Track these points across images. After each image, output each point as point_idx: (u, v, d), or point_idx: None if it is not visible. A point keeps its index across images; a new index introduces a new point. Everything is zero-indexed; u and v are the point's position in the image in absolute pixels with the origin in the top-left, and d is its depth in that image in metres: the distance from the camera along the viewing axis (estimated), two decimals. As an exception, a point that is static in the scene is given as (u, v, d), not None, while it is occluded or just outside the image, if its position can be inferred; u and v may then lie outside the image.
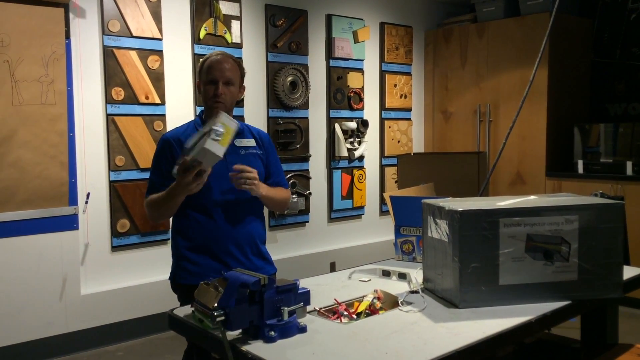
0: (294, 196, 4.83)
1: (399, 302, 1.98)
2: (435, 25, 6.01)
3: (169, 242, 4.20)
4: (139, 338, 4.07)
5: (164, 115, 4.15)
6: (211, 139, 2.02)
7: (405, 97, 5.77)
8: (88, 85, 3.86)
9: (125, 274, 4.06)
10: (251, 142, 2.42)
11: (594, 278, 1.97)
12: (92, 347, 3.88)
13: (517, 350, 2.55)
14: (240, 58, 4.48)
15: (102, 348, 3.91)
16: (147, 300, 4.07)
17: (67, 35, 3.71)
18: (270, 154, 2.48)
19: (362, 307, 1.97)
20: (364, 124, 5.29)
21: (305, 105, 4.95)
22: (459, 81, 5.72)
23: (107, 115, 3.92)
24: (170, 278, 2.45)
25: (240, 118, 4.12)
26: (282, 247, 4.86)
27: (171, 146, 2.32)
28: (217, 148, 2.04)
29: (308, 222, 5.06)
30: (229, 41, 4.44)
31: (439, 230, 2.01)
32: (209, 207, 2.30)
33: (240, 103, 4.48)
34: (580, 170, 4.97)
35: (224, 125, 2.06)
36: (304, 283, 2.12)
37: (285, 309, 1.67)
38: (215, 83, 2.30)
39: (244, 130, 2.44)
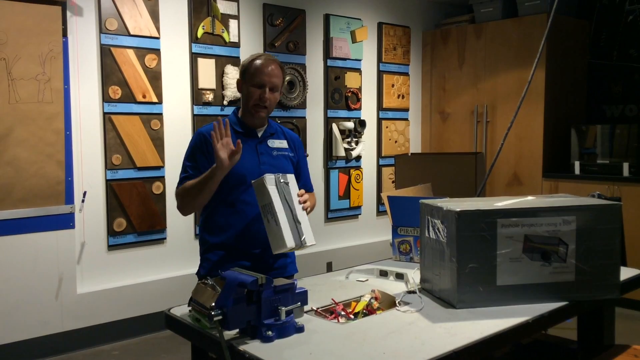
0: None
1: (397, 302, 1.98)
2: (433, 26, 6.01)
3: (166, 241, 4.22)
4: (135, 337, 4.06)
5: (161, 114, 4.14)
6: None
7: (403, 97, 5.77)
8: (85, 84, 3.85)
9: (122, 273, 4.05)
10: (283, 143, 2.44)
11: (591, 279, 1.98)
12: (88, 346, 3.87)
13: (514, 350, 2.55)
14: (238, 57, 4.48)
15: (97, 347, 3.90)
16: (143, 299, 4.06)
17: (65, 34, 3.70)
18: (300, 157, 2.50)
19: (359, 307, 1.97)
20: (361, 124, 5.29)
21: (302, 105, 4.95)
22: (456, 82, 5.73)
23: (104, 113, 3.91)
24: (196, 272, 2.43)
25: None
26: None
27: (207, 141, 2.30)
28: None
29: (305, 222, 5.05)
30: (227, 40, 4.44)
31: (436, 231, 2.01)
32: (239, 205, 2.30)
33: (237, 102, 4.48)
34: (577, 171, 4.98)
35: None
36: (301, 283, 2.11)
37: (283, 308, 1.66)
38: (262, 87, 2.30)
39: (277, 131, 2.45)
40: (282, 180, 2.12)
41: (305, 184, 2.49)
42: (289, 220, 2.07)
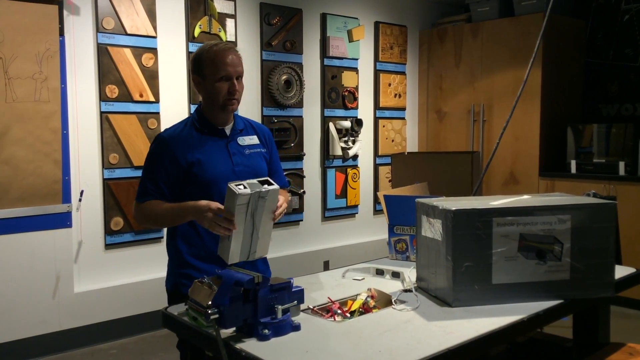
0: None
1: (393, 300, 1.99)
2: (429, 25, 6.02)
3: (163, 240, 4.21)
4: (132, 336, 4.07)
5: (158, 113, 4.14)
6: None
7: (400, 96, 5.78)
8: (82, 83, 3.84)
9: (119, 272, 4.05)
10: (254, 139, 2.26)
11: (586, 277, 1.99)
12: (85, 345, 3.88)
13: (509, 349, 2.56)
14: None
15: (95, 346, 3.90)
16: (140, 298, 4.06)
17: (61, 33, 3.69)
18: (272, 151, 2.33)
19: (355, 306, 1.97)
20: (358, 123, 5.29)
21: (299, 104, 4.95)
22: (453, 81, 5.74)
23: (101, 112, 3.91)
24: (169, 287, 2.25)
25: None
26: (275, 246, 4.85)
27: (167, 147, 2.12)
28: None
29: (302, 220, 5.07)
30: (224, 40, 4.43)
31: (432, 230, 2.02)
32: None
33: (234, 101, 4.48)
34: (573, 170, 5.00)
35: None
36: (297, 281, 2.12)
37: (279, 307, 1.67)
38: (230, 79, 2.11)
39: (245, 126, 2.28)
40: (259, 196, 1.87)
41: (279, 179, 2.30)
42: (244, 238, 1.91)
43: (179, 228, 2.19)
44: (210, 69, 2.12)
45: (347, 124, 5.21)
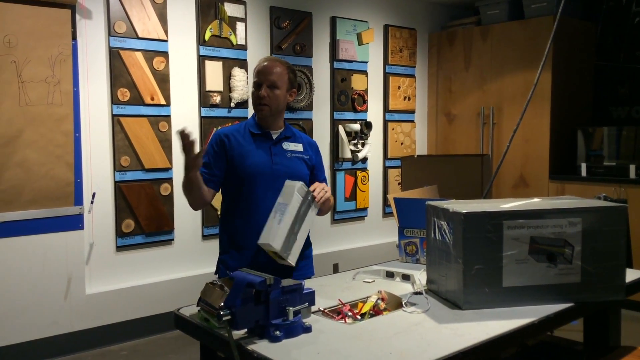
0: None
1: (403, 303, 1.99)
2: (439, 28, 6.02)
3: (174, 242, 4.25)
4: (143, 338, 4.09)
5: (169, 116, 4.17)
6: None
7: (409, 99, 5.78)
8: (94, 86, 3.88)
9: (130, 274, 4.08)
10: (299, 147, 2.48)
11: (596, 280, 1.99)
12: (97, 346, 3.90)
13: (520, 351, 2.56)
14: (245, 60, 4.50)
15: (106, 347, 3.93)
16: (151, 300, 4.09)
17: (74, 36, 3.73)
18: (317, 162, 2.55)
19: (366, 308, 1.98)
20: (367, 125, 5.30)
21: (309, 107, 4.97)
22: (462, 84, 5.73)
23: (113, 115, 3.95)
24: (215, 273, 2.49)
25: (244, 119, 4.13)
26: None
27: (222, 142, 2.39)
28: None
29: (311, 223, 5.07)
30: (234, 43, 4.46)
31: (442, 232, 2.02)
32: (251, 204, 2.35)
33: (244, 104, 4.51)
34: (584, 173, 4.98)
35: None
36: (308, 283, 2.13)
37: (291, 309, 1.68)
38: (260, 86, 2.37)
39: (294, 135, 2.50)
40: (309, 198, 2.17)
41: None
42: (290, 229, 2.11)
43: (224, 222, 2.46)
44: (253, 79, 2.43)
45: (356, 126, 5.22)
